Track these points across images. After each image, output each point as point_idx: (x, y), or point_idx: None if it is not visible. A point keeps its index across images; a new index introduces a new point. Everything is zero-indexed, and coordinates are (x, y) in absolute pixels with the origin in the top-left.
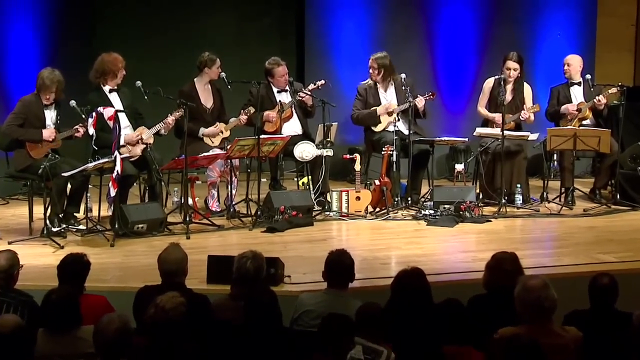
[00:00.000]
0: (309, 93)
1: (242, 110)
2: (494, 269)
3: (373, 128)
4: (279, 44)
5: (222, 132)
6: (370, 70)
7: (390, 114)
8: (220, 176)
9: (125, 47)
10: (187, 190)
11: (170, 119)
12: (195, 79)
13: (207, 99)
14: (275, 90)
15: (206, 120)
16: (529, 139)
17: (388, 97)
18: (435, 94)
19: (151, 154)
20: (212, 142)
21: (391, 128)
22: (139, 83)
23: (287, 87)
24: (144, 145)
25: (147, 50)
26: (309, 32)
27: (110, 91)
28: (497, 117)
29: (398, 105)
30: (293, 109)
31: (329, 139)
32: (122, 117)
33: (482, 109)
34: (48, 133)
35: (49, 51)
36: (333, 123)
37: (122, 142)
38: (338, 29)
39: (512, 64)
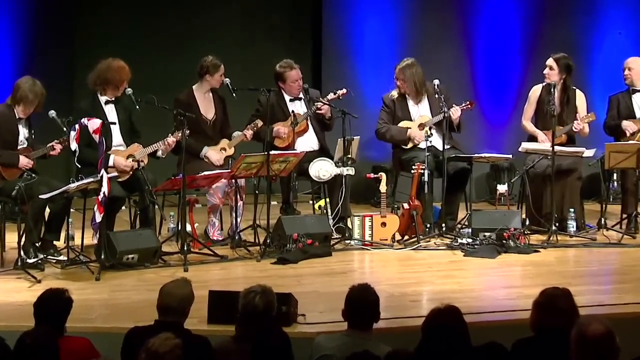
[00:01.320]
0: (328, 103)
1: (248, 126)
2: (543, 308)
3: (402, 145)
4: (291, 45)
5: (225, 150)
6: (398, 83)
7: (421, 126)
8: (222, 201)
9: (111, 49)
10: (185, 215)
11: (171, 140)
12: (194, 87)
13: (207, 109)
14: (287, 98)
15: (207, 134)
16: (583, 155)
17: (421, 108)
18: (474, 103)
19: (143, 173)
20: (212, 166)
21: (423, 144)
22: (129, 90)
23: (302, 95)
24: (136, 163)
25: (137, 53)
26: (327, 30)
27: (107, 102)
28: (542, 136)
29: (431, 117)
30: (308, 120)
31: (349, 156)
32: (115, 131)
33: (527, 123)
34: (25, 161)
35: (25, 56)
36: (355, 137)
37: (110, 162)
38: (360, 27)
39: (548, 61)
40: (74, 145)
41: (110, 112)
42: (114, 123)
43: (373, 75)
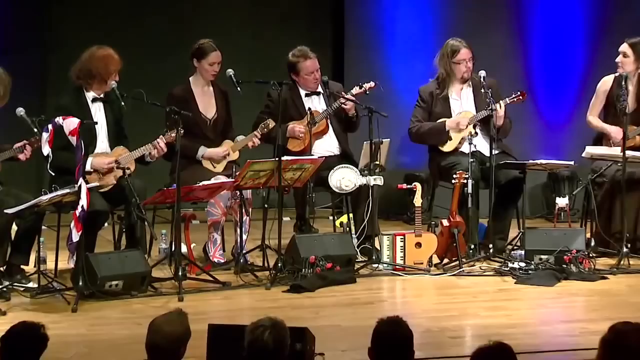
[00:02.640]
0: (352, 98)
1: (259, 128)
2: (612, 347)
3: (441, 147)
4: (308, 31)
5: (227, 155)
6: (440, 64)
7: (465, 128)
8: (225, 214)
9: (94, 36)
10: (179, 233)
11: (162, 143)
12: (191, 78)
13: (207, 106)
14: (302, 93)
15: (206, 136)
16: None
17: (464, 104)
18: (526, 94)
19: (130, 182)
20: (215, 167)
21: (466, 148)
22: (113, 84)
23: (320, 89)
24: (120, 171)
25: (124, 44)
26: (350, 12)
27: (94, 100)
28: (616, 131)
29: (475, 114)
30: (328, 120)
31: (377, 162)
32: (101, 134)
33: (593, 119)
34: None
35: None
36: (384, 140)
37: (88, 166)
38: (391, 9)
39: (622, 47)
40: (46, 149)
41: (98, 111)
42: (96, 123)
43: (406, 66)
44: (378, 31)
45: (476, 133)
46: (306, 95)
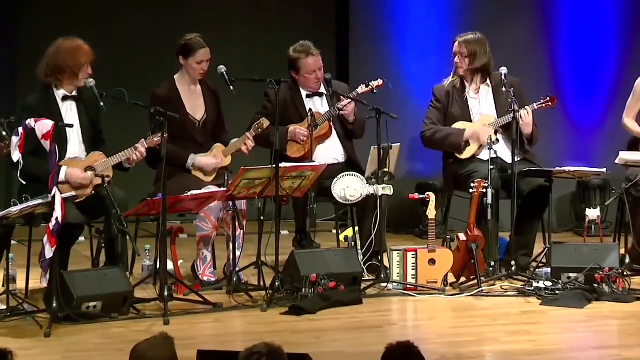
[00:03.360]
0: (356, 98)
1: (250, 128)
2: None
3: (457, 155)
4: (309, 24)
5: (219, 159)
6: (456, 60)
7: (485, 142)
8: (216, 228)
9: (68, 32)
10: (165, 249)
11: (142, 147)
12: (176, 76)
13: (195, 107)
14: (304, 93)
15: (195, 140)
16: None
17: (483, 104)
18: (556, 99)
19: (110, 191)
20: (205, 175)
21: (485, 154)
22: (90, 82)
23: (323, 89)
24: (99, 179)
25: (103, 37)
26: (357, 4)
27: (65, 98)
28: None
29: (497, 118)
30: (332, 122)
31: (386, 170)
32: (74, 137)
33: (629, 122)
34: None
35: None
36: (394, 145)
37: (61, 176)
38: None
39: None
40: (16, 155)
41: (69, 111)
42: (71, 125)
43: (419, 62)
44: (387, 24)
45: (497, 140)
46: (307, 96)
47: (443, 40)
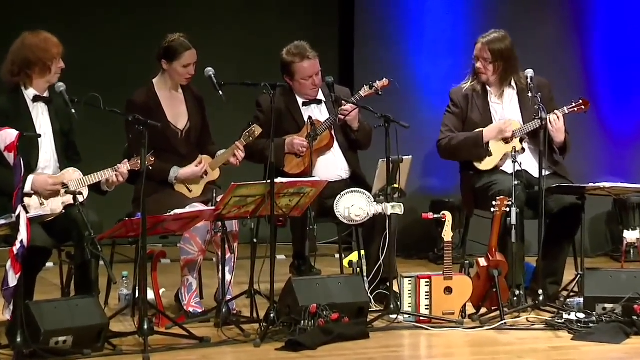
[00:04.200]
0: (358, 103)
1: (242, 136)
2: None
3: (477, 165)
4: (309, 21)
5: (203, 175)
6: (478, 65)
7: (507, 139)
8: (203, 251)
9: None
10: (145, 276)
11: (124, 167)
12: (154, 80)
13: (177, 114)
14: (300, 101)
15: (177, 151)
16: None
17: (507, 109)
18: (589, 103)
19: (82, 211)
20: (190, 192)
21: (509, 166)
22: (60, 86)
23: (321, 96)
24: (70, 197)
25: (77, 39)
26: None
27: (36, 99)
28: None
29: (523, 125)
30: (334, 132)
31: (396, 186)
32: (45, 146)
33: None
34: None
35: None
36: (405, 157)
37: (27, 187)
38: None
39: None
40: None
41: (41, 115)
42: (39, 135)
43: (433, 63)
44: (397, 21)
45: (523, 149)
46: (304, 104)
47: (460, 38)
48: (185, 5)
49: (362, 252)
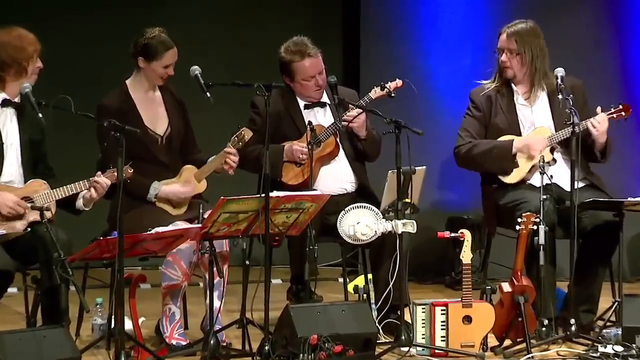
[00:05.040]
0: (368, 106)
1: (230, 141)
2: None
3: (501, 177)
4: (308, 16)
5: (189, 184)
6: (503, 58)
7: (537, 156)
8: (188, 276)
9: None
10: (122, 303)
11: (103, 179)
12: (128, 81)
13: (155, 118)
14: (301, 104)
15: (157, 160)
16: None
17: (537, 114)
18: (630, 108)
19: (50, 229)
20: (174, 207)
21: (537, 179)
22: (26, 87)
23: (325, 98)
24: (36, 213)
25: (45, 31)
26: None
27: (5, 103)
28: None
29: (553, 133)
30: (338, 140)
31: (408, 200)
32: (11, 157)
33: None
34: None
35: None
36: (418, 168)
37: None
38: None
39: None
40: None
41: (8, 122)
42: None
43: (450, 62)
44: (409, 14)
45: (554, 160)
46: (306, 107)
47: (481, 32)
48: (172, 3)
49: (370, 276)
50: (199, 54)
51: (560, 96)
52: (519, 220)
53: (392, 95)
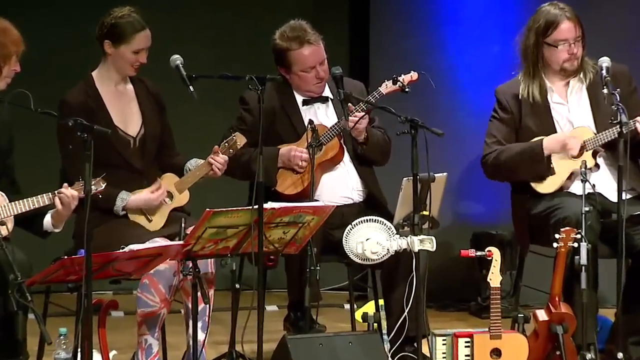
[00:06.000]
0: (377, 102)
1: (219, 144)
2: None
3: (535, 186)
4: (314, 3)
5: (166, 200)
6: (570, 50)
7: (576, 154)
8: (168, 302)
9: None
10: (90, 334)
11: (70, 191)
12: (94, 74)
13: (127, 116)
14: (299, 99)
15: (130, 165)
16: None
17: (575, 112)
18: None
19: (6, 248)
20: (150, 221)
21: (577, 188)
22: None
23: (328, 92)
24: None
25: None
26: None
27: None
28: None
29: (596, 134)
30: (343, 141)
31: (426, 213)
32: None
33: None
34: None
35: None
36: (438, 175)
37: None
38: None
39: None
40: None
41: None
42: None
43: (474, 54)
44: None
45: (597, 165)
46: (304, 102)
47: (511, 14)
48: None
49: (381, 302)
50: (178, 41)
51: (605, 90)
52: (557, 235)
53: (407, 90)
